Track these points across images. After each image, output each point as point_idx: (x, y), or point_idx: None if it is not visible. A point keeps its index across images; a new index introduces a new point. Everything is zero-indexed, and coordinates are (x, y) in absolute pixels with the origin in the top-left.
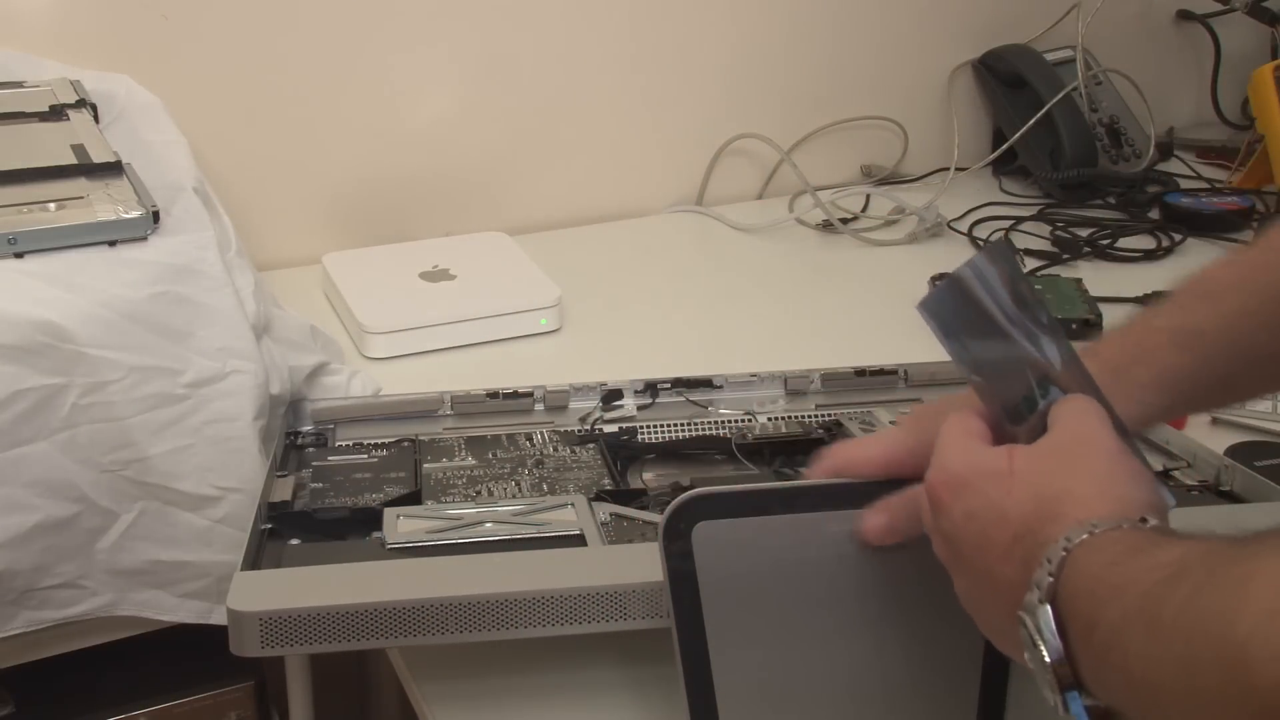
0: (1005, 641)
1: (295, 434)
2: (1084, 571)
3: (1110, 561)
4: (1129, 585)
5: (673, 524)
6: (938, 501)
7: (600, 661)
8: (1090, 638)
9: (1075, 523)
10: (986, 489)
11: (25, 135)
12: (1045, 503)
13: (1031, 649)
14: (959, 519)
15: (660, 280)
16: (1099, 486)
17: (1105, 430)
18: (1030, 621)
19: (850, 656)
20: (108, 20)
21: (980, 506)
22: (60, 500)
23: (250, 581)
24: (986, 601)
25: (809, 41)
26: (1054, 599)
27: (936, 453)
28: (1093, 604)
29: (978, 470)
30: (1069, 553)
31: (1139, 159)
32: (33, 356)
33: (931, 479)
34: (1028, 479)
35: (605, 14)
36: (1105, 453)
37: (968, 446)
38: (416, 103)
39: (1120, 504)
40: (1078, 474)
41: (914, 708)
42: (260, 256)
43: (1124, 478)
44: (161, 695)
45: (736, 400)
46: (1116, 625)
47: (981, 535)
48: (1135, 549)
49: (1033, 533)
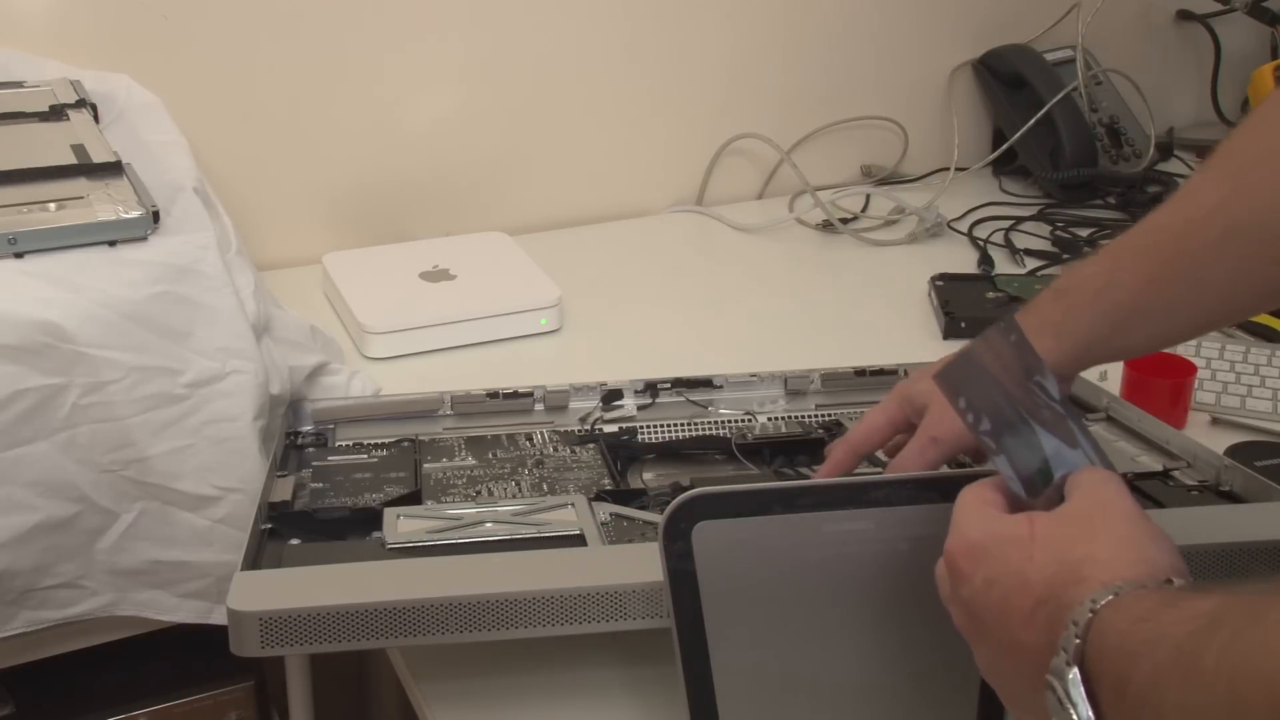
0: (1030, 709)
1: (295, 434)
2: (1112, 629)
3: (1139, 618)
4: (1160, 639)
5: (673, 524)
6: (957, 571)
7: (600, 661)
8: (1123, 696)
9: (1100, 585)
10: (1008, 555)
11: (25, 135)
12: (1068, 567)
13: (1060, 714)
14: (980, 587)
15: (660, 280)
16: (1122, 549)
17: (1125, 496)
18: (1059, 686)
19: (850, 656)
20: (108, 20)
21: (1002, 573)
22: (60, 500)
23: (250, 581)
24: (1010, 670)
25: (809, 41)
26: (1081, 661)
27: (954, 523)
28: (1122, 661)
29: (998, 537)
30: (1095, 614)
31: (1139, 159)
32: (33, 356)
33: (951, 548)
34: (1050, 544)
35: (605, 14)
36: (1127, 517)
37: (986, 514)
38: (417, 103)
39: (1144, 566)
40: (1100, 538)
41: (914, 708)
42: (260, 256)
43: (1147, 541)
44: (161, 695)
45: (736, 400)
46: (1150, 680)
47: (1004, 602)
48: (1164, 604)
49: (1056, 597)
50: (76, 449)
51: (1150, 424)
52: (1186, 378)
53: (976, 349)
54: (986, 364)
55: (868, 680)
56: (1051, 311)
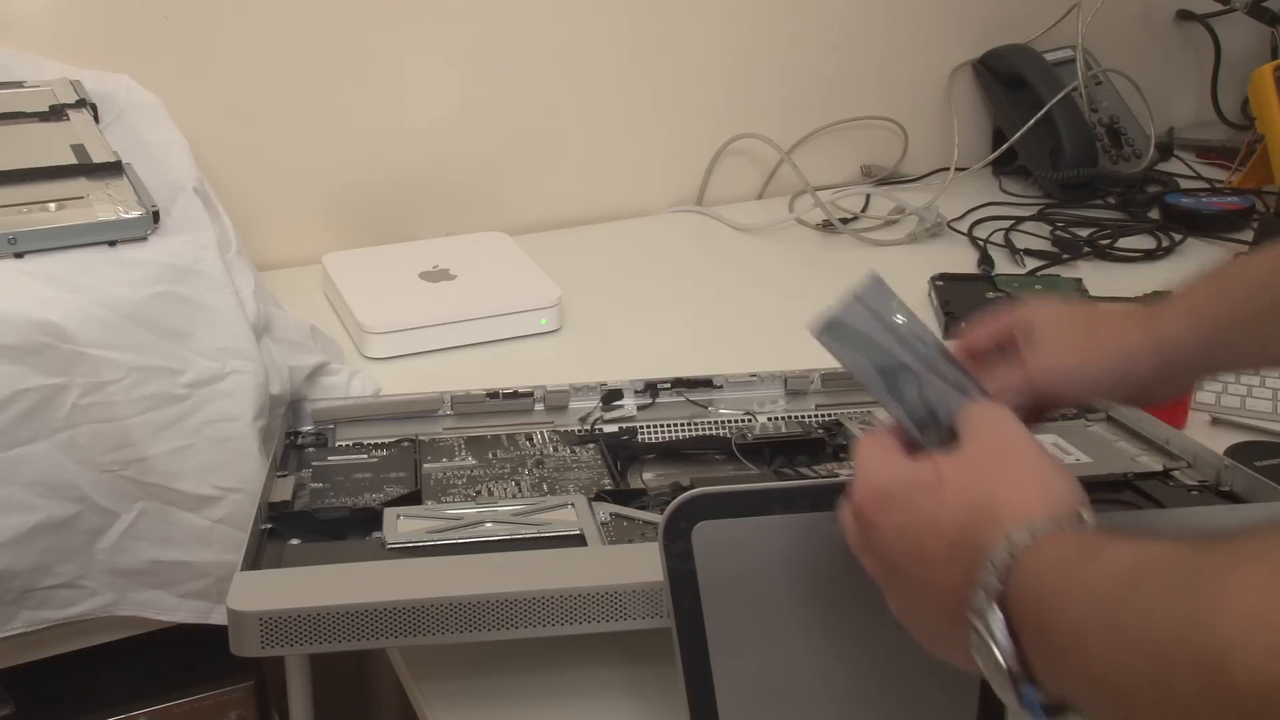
0: (950, 649)
1: (295, 434)
2: (1031, 575)
3: (1058, 564)
4: (1081, 589)
5: (673, 524)
6: (866, 520)
7: (600, 661)
8: (1044, 640)
9: (1013, 524)
10: (918, 501)
11: (25, 135)
12: (980, 508)
13: (983, 650)
14: (892, 534)
15: (660, 280)
16: (1030, 487)
17: (1022, 432)
18: (981, 625)
19: (850, 656)
20: (108, 20)
21: (913, 519)
22: (60, 500)
23: (250, 581)
24: (928, 613)
25: (809, 42)
26: (1002, 601)
27: (858, 473)
28: (1043, 608)
29: (906, 483)
30: (1013, 557)
31: (1139, 159)
32: (33, 356)
33: (858, 498)
34: (958, 487)
35: (605, 14)
36: (1029, 453)
37: (890, 461)
38: (417, 103)
39: (1053, 501)
40: (1007, 477)
41: (914, 708)
42: (260, 256)
43: (1051, 475)
44: (161, 695)
45: (736, 400)
46: (1072, 629)
47: (917, 547)
48: (1083, 552)
49: (971, 539)
50: (76, 449)
51: (1150, 424)
52: None
53: (848, 302)
54: (860, 316)
55: (868, 680)
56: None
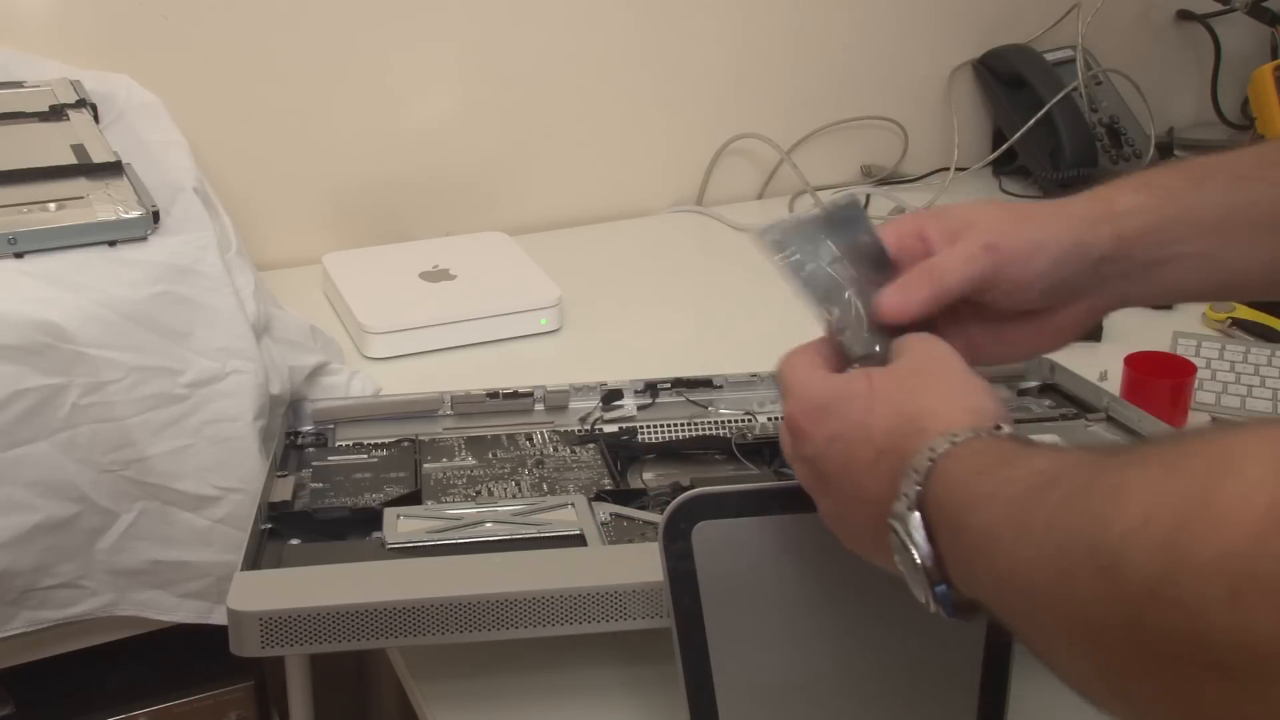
0: (874, 552)
1: (295, 434)
2: (950, 481)
3: (976, 471)
4: (996, 493)
5: (673, 524)
6: (800, 431)
7: (600, 661)
8: (958, 540)
9: (938, 434)
10: (849, 410)
11: (25, 135)
12: (907, 418)
13: (902, 552)
14: (823, 443)
15: (660, 280)
16: (955, 400)
17: (952, 353)
18: (900, 527)
19: (850, 656)
20: (108, 20)
21: (845, 428)
22: (60, 500)
23: (250, 581)
24: (854, 517)
25: (809, 41)
26: (922, 506)
27: (790, 386)
28: (959, 510)
29: (839, 394)
30: (934, 463)
31: (1139, 159)
32: (33, 356)
33: (792, 410)
34: (888, 398)
35: (605, 14)
36: (956, 371)
37: (822, 375)
38: (417, 103)
39: (976, 415)
40: (934, 390)
41: (914, 707)
42: (260, 256)
43: (976, 391)
44: (161, 695)
45: (736, 400)
46: (985, 529)
47: (847, 454)
48: (1000, 460)
49: (897, 447)
50: (76, 449)
51: (1150, 424)
52: (1186, 378)
53: (812, 216)
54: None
55: (868, 680)
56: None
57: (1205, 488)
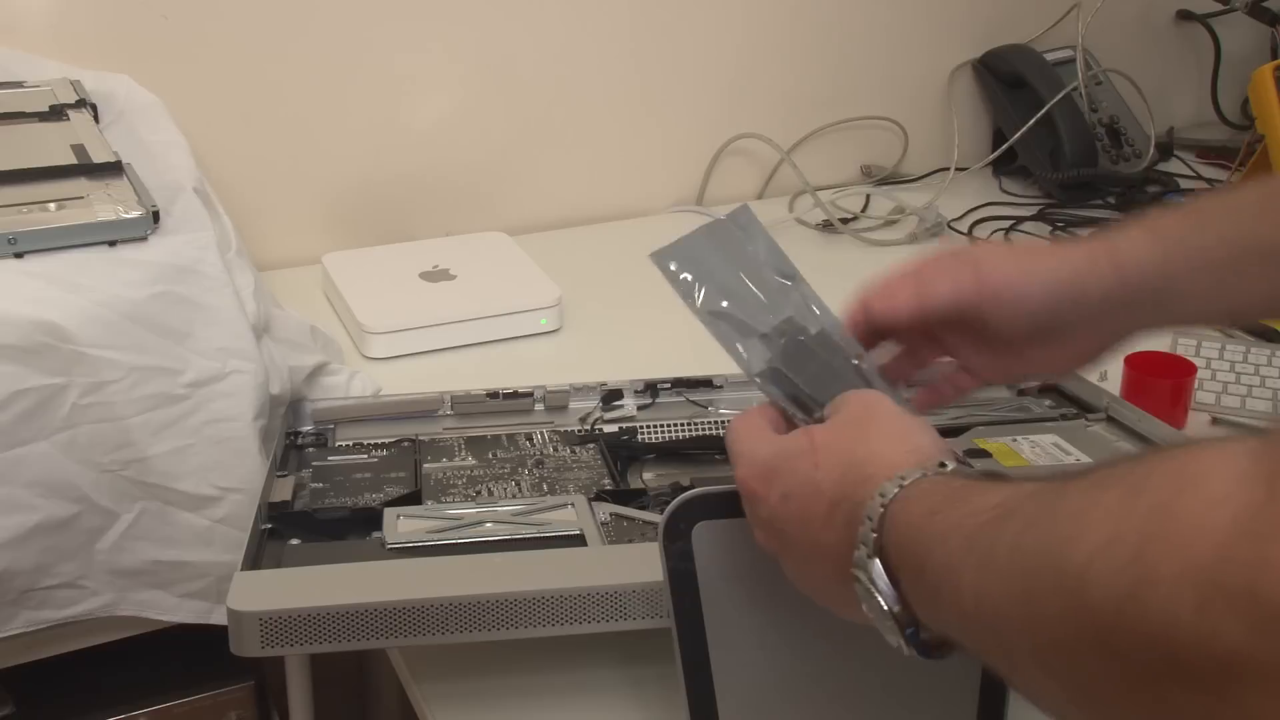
0: (841, 605)
1: (295, 434)
2: (904, 524)
3: (929, 511)
4: (953, 530)
5: (673, 524)
6: (753, 494)
7: (600, 661)
8: (921, 580)
9: (884, 478)
10: (796, 467)
11: (25, 135)
12: (852, 467)
13: (869, 599)
14: (776, 503)
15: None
16: (895, 442)
17: (884, 399)
18: (864, 576)
19: (850, 656)
20: (108, 20)
21: (794, 485)
22: (60, 500)
23: (250, 581)
24: (817, 572)
25: (809, 41)
26: (881, 552)
27: (737, 452)
28: (918, 552)
29: (784, 453)
30: (886, 509)
31: (1139, 159)
32: (33, 356)
33: (742, 475)
34: (830, 450)
35: (605, 14)
36: (890, 415)
37: (767, 436)
38: (417, 103)
39: (917, 454)
40: (875, 436)
41: (913, 708)
42: (260, 256)
43: (914, 431)
44: (161, 695)
45: (736, 400)
46: (946, 566)
47: (802, 511)
48: (951, 498)
49: (848, 497)
50: (76, 449)
51: (1150, 424)
52: (1186, 378)
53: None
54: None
55: (867, 680)
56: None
57: (1168, 504)
